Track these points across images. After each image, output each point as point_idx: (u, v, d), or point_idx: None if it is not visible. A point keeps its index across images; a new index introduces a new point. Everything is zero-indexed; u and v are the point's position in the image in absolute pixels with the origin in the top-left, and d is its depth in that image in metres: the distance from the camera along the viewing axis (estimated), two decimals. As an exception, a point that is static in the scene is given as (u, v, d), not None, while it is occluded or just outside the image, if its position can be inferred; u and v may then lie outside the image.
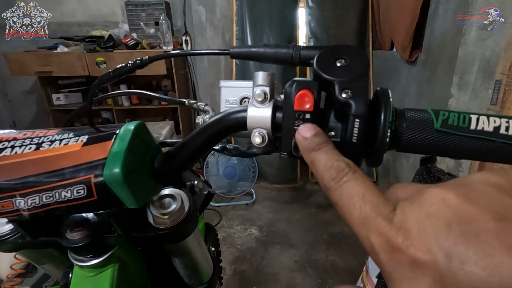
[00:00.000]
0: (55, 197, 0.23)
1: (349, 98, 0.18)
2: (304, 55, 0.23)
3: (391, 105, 0.19)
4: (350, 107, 0.18)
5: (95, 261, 0.31)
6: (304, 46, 0.23)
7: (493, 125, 0.18)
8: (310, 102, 0.19)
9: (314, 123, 0.19)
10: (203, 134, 0.24)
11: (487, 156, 0.19)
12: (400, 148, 0.20)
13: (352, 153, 0.19)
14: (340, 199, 0.16)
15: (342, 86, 0.18)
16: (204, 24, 2.52)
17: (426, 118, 0.19)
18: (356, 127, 0.18)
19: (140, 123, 0.27)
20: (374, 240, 0.14)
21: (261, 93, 0.21)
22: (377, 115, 0.19)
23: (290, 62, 0.23)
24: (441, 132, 0.19)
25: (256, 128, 0.22)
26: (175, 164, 0.25)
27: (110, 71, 0.26)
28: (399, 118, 0.19)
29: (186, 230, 0.33)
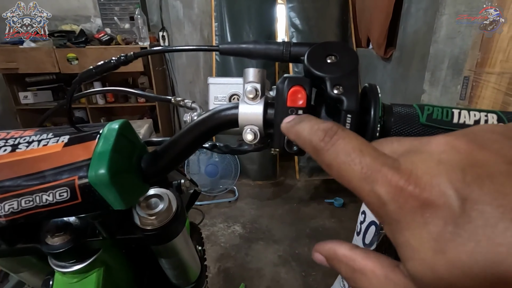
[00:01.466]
0: (35, 201, 0.21)
1: (341, 94, 0.19)
2: (295, 51, 0.23)
3: (380, 101, 0.19)
4: (342, 103, 0.19)
5: (78, 267, 0.30)
6: (295, 43, 0.23)
7: (474, 118, 0.19)
8: (303, 99, 0.19)
9: None
10: (193, 132, 0.23)
11: None
12: None
13: None
14: (335, 158, 0.14)
15: (333, 82, 0.19)
16: (181, 20, 2.46)
17: (412, 113, 0.20)
18: (348, 122, 0.18)
19: (124, 122, 0.26)
20: (380, 191, 0.13)
21: (253, 89, 0.21)
22: (367, 110, 0.19)
23: (281, 58, 0.23)
24: (426, 126, 0.19)
25: (247, 125, 0.21)
26: (163, 163, 0.25)
27: (92, 68, 0.25)
28: (387, 113, 0.20)
29: (174, 230, 0.32)
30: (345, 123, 0.19)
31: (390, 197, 0.12)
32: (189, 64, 2.60)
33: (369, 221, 1.04)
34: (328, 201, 2.13)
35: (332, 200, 2.13)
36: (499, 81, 0.90)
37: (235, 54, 0.24)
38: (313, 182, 2.41)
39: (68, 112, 0.25)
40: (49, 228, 0.28)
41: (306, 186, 2.38)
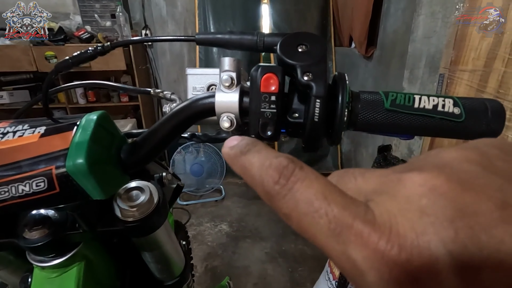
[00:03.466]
0: (11, 191, 0.21)
1: (310, 81, 0.20)
2: (268, 41, 0.24)
3: (347, 88, 0.20)
4: (311, 88, 0.20)
5: (58, 261, 0.30)
6: (268, 33, 0.24)
7: (432, 103, 0.20)
8: (275, 84, 0.20)
9: (279, 104, 0.20)
10: (171, 121, 0.24)
11: (429, 131, 0.21)
12: (357, 127, 0.22)
13: (315, 132, 0.20)
14: (294, 208, 0.12)
15: (303, 69, 0.20)
16: (165, 18, 2.43)
17: (378, 99, 0.21)
18: (317, 106, 0.19)
19: (103, 113, 0.26)
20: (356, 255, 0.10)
21: (228, 78, 0.22)
22: (336, 97, 0.20)
23: (255, 48, 0.24)
24: (390, 111, 0.21)
25: (224, 113, 0.22)
26: (142, 153, 0.25)
27: (69, 58, 0.24)
28: (355, 99, 0.21)
29: (156, 222, 0.32)
30: (315, 107, 0.20)
31: (369, 265, 0.10)
32: (173, 63, 2.57)
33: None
34: (314, 198, 2.17)
35: (318, 196, 2.17)
36: (471, 78, 0.95)
37: (211, 44, 0.25)
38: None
39: (44, 103, 0.25)
40: (26, 221, 0.28)
41: (292, 184, 2.41)
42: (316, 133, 0.20)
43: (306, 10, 2.19)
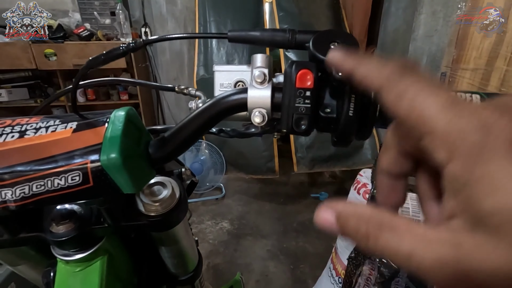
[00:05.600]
0: (47, 185, 0.22)
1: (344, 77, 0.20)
2: (300, 38, 0.24)
3: None
4: (346, 84, 0.20)
5: (82, 255, 0.30)
6: (299, 30, 0.24)
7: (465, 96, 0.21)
8: (311, 80, 0.21)
9: (313, 100, 0.21)
10: (202, 116, 0.24)
11: None
12: (387, 122, 0.23)
13: (349, 126, 0.21)
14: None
15: None
16: (164, 16, 2.43)
17: None
18: (352, 102, 0.20)
19: (130, 109, 0.26)
20: (463, 123, 0.11)
21: (261, 74, 0.22)
22: (367, 93, 0.21)
23: (287, 45, 0.25)
24: None
25: (256, 108, 0.23)
26: (170, 148, 0.25)
27: (101, 55, 0.25)
28: None
29: (177, 216, 0.33)
30: (350, 103, 0.20)
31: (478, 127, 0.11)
32: (172, 61, 2.56)
33: (355, 212, 1.07)
34: (314, 196, 2.18)
35: (318, 194, 2.17)
36: (473, 77, 0.96)
37: (243, 41, 0.25)
38: (299, 178, 2.45)
39: (73, 99, 0.25)
40: (53, 216, 0.28)
41: (292, 182, 2.42)
42: (350, 127, 0.21)
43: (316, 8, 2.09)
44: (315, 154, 1.88)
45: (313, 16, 2.02)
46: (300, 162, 1.90)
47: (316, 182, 2.41)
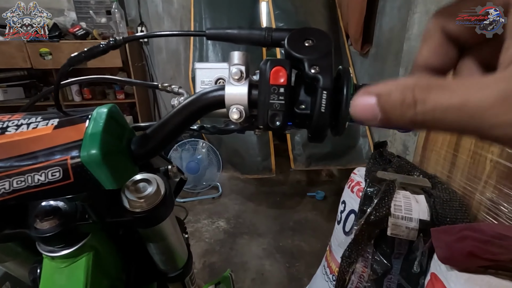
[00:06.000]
0: (27, 181, 0.22)
1: (317, 73, 0.21)
2: (276, 36, 0.25)
3: (352, 81, 0.21)
4: (318, 81, 0.21)
5: (67, 251, 0.30)
6: (276, 28, 0.25)
7: None
8: (284, 77, 0.21)
9: (287, 96, 0.21)
10: (181, 113, 0.25)
11: None
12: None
13: (321, 122, 0.21)
14: None
15: (310, 63, 0.21)
16: (161, 15, 2.42)
17: None
18: (324, 98, 0.21)
19: (113, 106, 0.27)
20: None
21: (238, 71, 0.23)
22: (340, 90, 0.21)
23: (263, 43, 0.25)
24: None
25: (233, 105, 0.23)
26: (152, 144, 0.26)
27: (82, 52, 0.25)
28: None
29: (163, 213, 0.33)
30: (322, 99, 0.21)
31: None
32: (169, 60, 2.56)
33: (348, 210, 1.08)
34: (310, 194, 2.19)
35: (314, 193, 2.18)
36: (465, 75, 0.96)
37: (221, 39, 0.26)
38: (295, 176, 2.46)
39: (56, 97, 0.26)
40: (38, 212, 0.28)
41: (288, 180, 2.43)
42: (322, 123, 0.21)
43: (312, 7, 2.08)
44: (311, 151, 1.89)
45: (309, 15, 2.03)
46: (297, 159, 1.91)
47: (313, 181, 2.42)
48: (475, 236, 0.64)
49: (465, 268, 0.64)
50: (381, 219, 0.91)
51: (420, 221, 0.89)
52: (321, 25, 2.04)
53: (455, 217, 0.89)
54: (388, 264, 0.91)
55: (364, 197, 0.99)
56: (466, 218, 0.88)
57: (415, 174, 1.09)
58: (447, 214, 0.89)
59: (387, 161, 1.17)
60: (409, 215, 0.90)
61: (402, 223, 0.90)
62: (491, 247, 0.62)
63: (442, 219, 0.89)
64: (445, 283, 0.67)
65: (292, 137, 1.92)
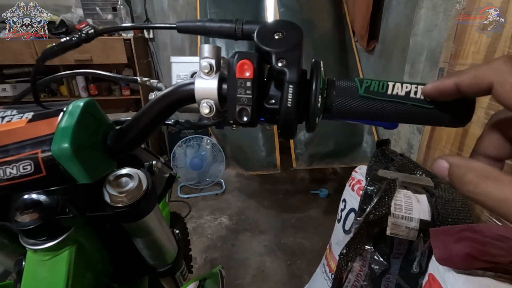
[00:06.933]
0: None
1: (284, 67, 0.20)
2: (247, 29, 0.24)
3: (321, 74, 0.21)
4: (284, 74, 0.20)
5: (49, 244, 0.31)
6: (247, 21, 0.24)
7: (405, 90, 0.21)
8: (250, 70, 0.21)
9: (254, 90, 0.21)
10: (154, 108, 0.24)
11: (401, 117, 0.22)
12: (333, 114, 0.22)
13: (288, 117, 0.21)
14: None
15: (278, 56, 0.20)
16: (166, 11, 2.43)
17: (353, 86, 0.22)
18: (290, 92, 0.20)
19: (90, 100, 0.26)
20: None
21: (207, 65, 0.22)
22: (310, 84, 0.21)
23: (234, 36, 0.24)
24: (364, 97, 0.21)
25: (204, 99, 0.23)
26: (128, 139, 0.25)
27: (55, 46, 0.25)
28: (330, 86, 0.22)
29: (145, 208, 0.33)
30: (288, 93, 0.20)
31: None
32: (174, 57, 2.57)
33: (349, 209, 1.07)
34: (314, 192, 2.17)
35: (318, 191, 2.17)
36: (470, 72, 0.94)
37: (192, 32, 0.25)
38: (299, 174, 2.45)
39: (33, 90, 0.26)
40: (18, 205, 0.28)
41: (292, 178, 2.42)
42: (289, 118, 0.20)
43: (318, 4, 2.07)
44: (314, 150, 1.87)
45: (314, 12, 2.00)
46: (299, 158, 1.89)
47: (317, 178, 2.41)
48: (474, 237, 0.63)
49: (463, 269, 0.62)
50: (380, 218, 0.89)
51: (420, 221, 0.88)
52: (327, 22, 2.01)
53: (457, 217, 0.87)
54: (387, 264, 0.90)
55: (364, 196, 0.98)
56: (469, 219, 0.86)
57: (418, 173, 1.07)
58: (449, 214, 0.87)
59: (389, 159, 1.15)
60: (409, 214, 0.89)
61: (402, 223, 0.88)
62: (490, 248, 0.60)
63: (444, 219, 0.87)
64: (443, 284, 0.66)
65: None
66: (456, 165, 0.18)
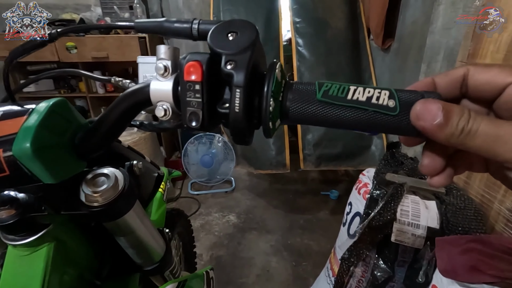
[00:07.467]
0: (-37, 172, 0.23)
1: (232, 69, 0.19)
2: (202, 29, 0.23)
3: (274, 77, 0.19)
4: (232, 78, 0.19)
5: (27, 240, 0.31)
6: (204, 21, 0.23)
7: (367, 95, 0.19)
8: (197, 73, 0.20)
9: (204, 94, 0.20)
10: (115, 111, 0.24)
11: (362, 124, 0.20)
12: (290, 119, 0.21)
13: (237, 123, 0.19)
14: None
15: (227, 58, 0.19)
16: (181, 9, 2.45)
17: (311, 90, 0.20)
18: (237, 96, 0.19)
19: (60, 100, 0.26)
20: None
21: (162, 66, 0.22)
22: (263, 87, 0.19)
23: (190, 36, 0.24)
24: (322, 102, 0.20)
25: (159, 102, 0.22)
26: (95, 140, 0.25)
27: (20, 46, 0.25)
28: (287, 90, 0.20)
29: (121, 208, 0.33)
30: (235, 97, 0.19)
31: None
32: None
33: (354, 212, 1.04)
34: (324, 193, 2.14)
35: (328, 192, 2.13)
36: (489, 73, 0.88)
37: (149, 31, 0.25)
38: (310, 174, 2.41)
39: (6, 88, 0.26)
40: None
41: (303, 178, 2.39)
42: (237, 124, 0.19)
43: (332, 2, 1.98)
44: (322, 152, 1.83)
45: (329, 10, 1.95)
46: (307, 159, 1.85)
47: (328, 179, 2.36)
48: (482, 249, 0.59)
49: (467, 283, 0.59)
50: (385, 224, 0.86)
51: (428, 228, 0.84)
52: (341, 21, 1.96)
53: (469, 226, 0.82)
54: (390, 271, 0.86)
55: (369, 200, 0.95)
56: (481, 229, 0.81)
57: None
58: (459, 222, 0.83)
59: (399, 162, 1.11)
60: (416, 221, 0.85)
61: (408, 230, 0.85)
62: (498, 262, 0.56)
63: (453, 228, 0.82)
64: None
65: (303, 136, 1.87)
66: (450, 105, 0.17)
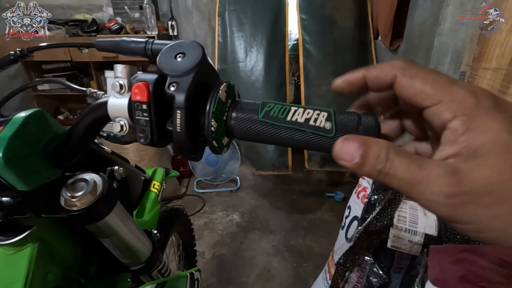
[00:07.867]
0: None
1: (174, 91, 0.20)
2: (155, 49, 0.24)
3: (216, 98, 0.20)
4: (173, 99, 0.20)
5: (12, 240, 0.33)
6: (157, 41, 0.24)
7: (305, 116, 0.20)
8: (143, 94, 0.21)
9: (151, 113, 0.21)
10: (81, 124, 0.25)
11: (300, 144, 0.20)
12: (237, 136, 0.22)
13: (180, 142, 0.20)
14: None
15: (171, 80, 0.20)
16: (190, 9, 2.48)
17: (255, 110, 0.21)
18: (178, 117, 0.20)
19: (37, 111, 0.28)
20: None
21: (118, 84, 0.22)
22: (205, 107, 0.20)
23: (145, 55, 0.24)
24: (263, 122, 0.20)
25: (117, 117, 0.23)
26: (66, 150, 0.27)
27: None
28: (232, 109, 0.21)
29: (100, 212, 0.34)
30: (176, 118, 0.20)
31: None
32: (197, 54, 2.62)
33: (352, 216, 1.03)
34: (329, 195, 2.12)
35: (333, 194, 2.11)
36: (494, 77, 0.86)
37: (108, 50, 0.26)
38: (316, 175, 2.40)
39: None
40: (-19, 204, 0.31)
41: (308, 179, 2.38)
42: (181, 144, 0.20)
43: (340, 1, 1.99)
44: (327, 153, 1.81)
45: (336, 9, 1.92)
46: (312, 159, 1.85)
47: (334, 180, 2.35)
48: (474, 259, 0.58)
49: (458, 294, 0.58)
50: (381, 229, 0.85)
51: (425, 235, 0.83)
52: (348, 21, 1.93)
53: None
54: (386, 278, 0.86)
55: (367, 204, 0.94)
56: (481, 237, 0.79)
57: (431, 183, 1.00)
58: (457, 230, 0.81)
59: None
60: (413, 228, 0.84)
61: (405, 236, 0.84)
62: (489, 274, 0.55)
63: (452, 236, 0.81)
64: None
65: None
66: (369, 143, 0.17)
